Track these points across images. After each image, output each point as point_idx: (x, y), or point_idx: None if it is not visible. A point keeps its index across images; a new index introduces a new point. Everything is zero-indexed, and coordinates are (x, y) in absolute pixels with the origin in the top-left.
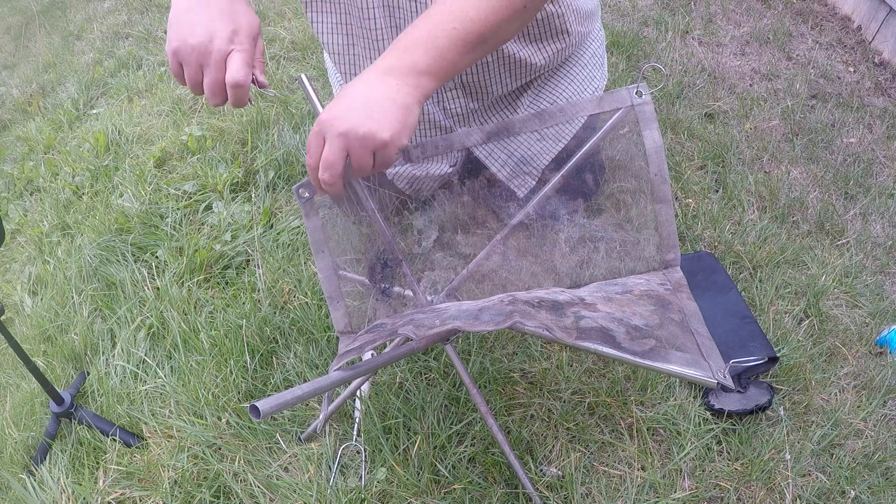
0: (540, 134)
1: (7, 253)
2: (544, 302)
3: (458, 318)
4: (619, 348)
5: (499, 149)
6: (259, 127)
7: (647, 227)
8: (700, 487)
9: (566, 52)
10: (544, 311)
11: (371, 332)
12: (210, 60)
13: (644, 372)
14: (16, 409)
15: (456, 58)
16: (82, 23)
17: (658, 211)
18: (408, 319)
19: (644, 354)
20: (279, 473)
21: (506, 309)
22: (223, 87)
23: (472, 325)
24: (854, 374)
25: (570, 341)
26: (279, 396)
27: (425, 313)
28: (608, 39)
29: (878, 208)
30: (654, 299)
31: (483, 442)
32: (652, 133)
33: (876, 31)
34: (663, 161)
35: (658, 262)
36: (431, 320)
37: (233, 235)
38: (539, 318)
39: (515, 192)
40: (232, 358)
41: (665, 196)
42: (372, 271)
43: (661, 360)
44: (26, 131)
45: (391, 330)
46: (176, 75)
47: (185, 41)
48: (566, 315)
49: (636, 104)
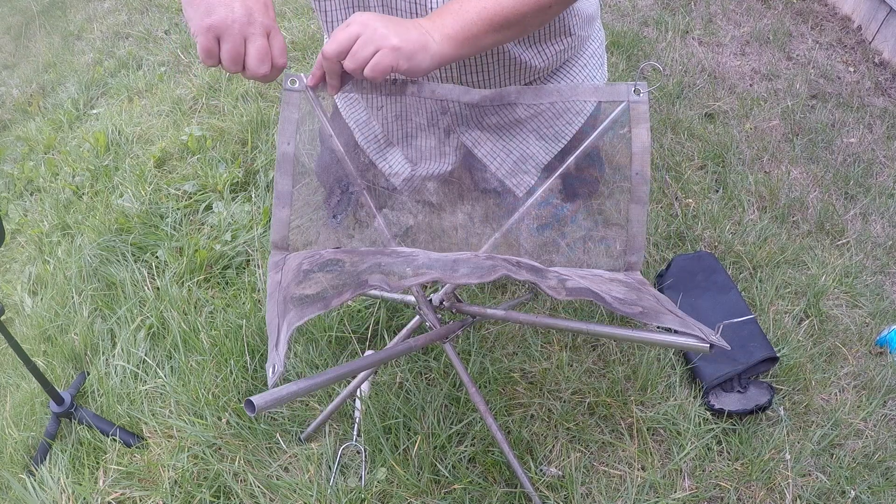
0: (539, 133)
1: (7, 253)
2: (523, 263)
3: (432, 267)
4: (611, 308)
5: (498, 147)
6: (259, 127)
7: (618, 225)
8: (700, 487)
9: (567, 55)
10: (525, 270)
11: (328, 271)
12: (254, 31)
13: (644, 371)
14: (16, 409)
15: (479, 33)
16: (82, 23)
17: (632, 210)
18: (373, 264)
19: (638, 316)
20: (279, 473)
21: (485, 263)
22: (269, 55)
23: (453, 276)
24: (854, 374)
25: (562, 297)
26: (275, 392)
27: (390, 257)
28: (608, 39)
29: (878, 208)
30: (624, 284)
31: (483, 442)
32: (642, 132)
33: (876, 31)
34: (647, 162)
35: (622, 262)
36: (401, 268)
37: (233, 235)
38: (522, 276)
39: (514, 191)
40: (232, 358)
41: (642, 197)
42: (330, 193)
43: (654, 319)
44: (26, 131)
45: (355, 276)
46: (208, 53)
47: (226, 16)
48: (548, 277)
49: (632, 101)
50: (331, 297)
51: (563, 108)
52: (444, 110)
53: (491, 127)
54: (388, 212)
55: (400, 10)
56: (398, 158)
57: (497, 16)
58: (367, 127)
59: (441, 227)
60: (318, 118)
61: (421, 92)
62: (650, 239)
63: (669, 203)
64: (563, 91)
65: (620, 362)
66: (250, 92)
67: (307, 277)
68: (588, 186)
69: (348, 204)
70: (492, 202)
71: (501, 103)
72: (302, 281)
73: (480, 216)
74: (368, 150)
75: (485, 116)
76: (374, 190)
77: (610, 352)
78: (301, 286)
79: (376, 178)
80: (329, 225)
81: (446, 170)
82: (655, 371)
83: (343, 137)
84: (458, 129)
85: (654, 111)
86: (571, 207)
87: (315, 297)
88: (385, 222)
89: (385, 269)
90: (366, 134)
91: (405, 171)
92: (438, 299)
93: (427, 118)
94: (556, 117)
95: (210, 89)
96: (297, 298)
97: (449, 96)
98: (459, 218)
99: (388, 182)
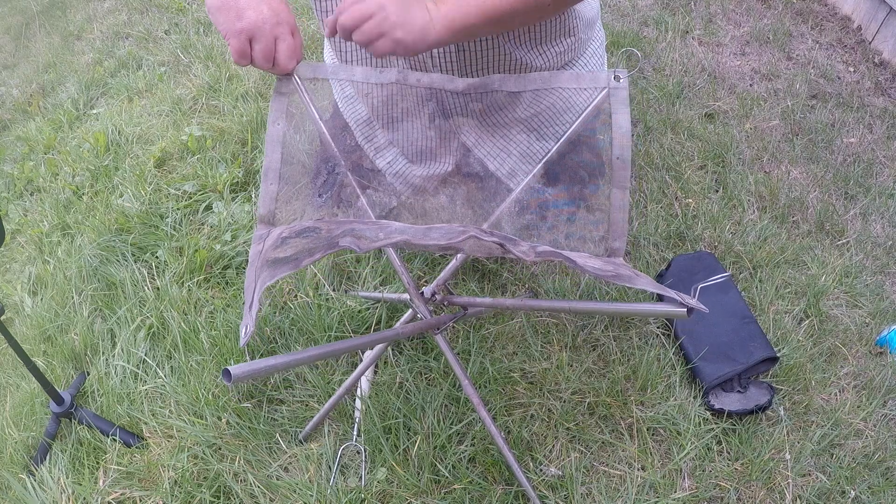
0: (539, 133)
1: (7, 253)
2: (496, 233)
3: (404, 232)
4: (581, 270)
5: (498, 147)
6: (259, 127)
7: (600, 210)
8: (700, 487)
9: (568, 56)
10: (495, 238)
11: (304, 237)
12: (283, 30)
13: (644, 371)
14: (16, 409)
15: (478, 24)
16: (82, 23)
17: (614, 195)
18: (347, 229)
19: (611, 278)
20: (279, 473)
21: (457, 229)
22: (297, 51)
23: (422, 239)
24: (854, 374)
25: (531, 259)
26: (253, 364)
27: (365, 224)
28: (608, 39)
29: (878, 208)
30: (602, 260)
31: (483, 442)
32: (621, 117)
33: (876, 31)
34: (628, 147)
35: (603, 248)
36: (374, 232)
37: (233, 235)
38: (492, 239)
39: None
40: (232, 358)
41: (623, 182)
42: (316, 173)
43: (628, 282)
44: (26, 131)
45: (328, 240)
46: (241, 54)
47: (256, 19)
48: (520, 244)
49: (612, 87)
50: (302, 257)
51: (562, 108)
52: (430, 96)
53: (475, 113)
54: (372, 192)
55: None
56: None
57: (496, 11)
58: (368, 126)
59: (423, 207)
60: (303, 102)
61: (407, 80)
62: (650, 239)
63: (669, 203)
64: (546, 78)
65: (620, 362)
66: (250, 92)
67: (284, 243)
68: (570, 172)
69: (333, 184)
70: (474, 185)
71: (485, 90)
72: (279, 247)
73: (463, 198)
74: (357, 135)
75: (469, 102)
76: (359, 171)
77: (610, 352)
78: (277, 251)
79: (361, 160)
80: (314, 204)
81: (446, 170)
82: (655, 371)
83: (331, 120)
84: (450, 118)
85: (654, 111)
86: (553, 192)
87: (288, 259)
88: (369, 202)
89: (358, 232)
90: (366, 134)
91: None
92: (430, 291)
93: (414, 102)
94: (556, 117)
95: (210, 89)
96: (272, 261)
97: (434, 85)
98: (442, 200)
99: (372, 164)
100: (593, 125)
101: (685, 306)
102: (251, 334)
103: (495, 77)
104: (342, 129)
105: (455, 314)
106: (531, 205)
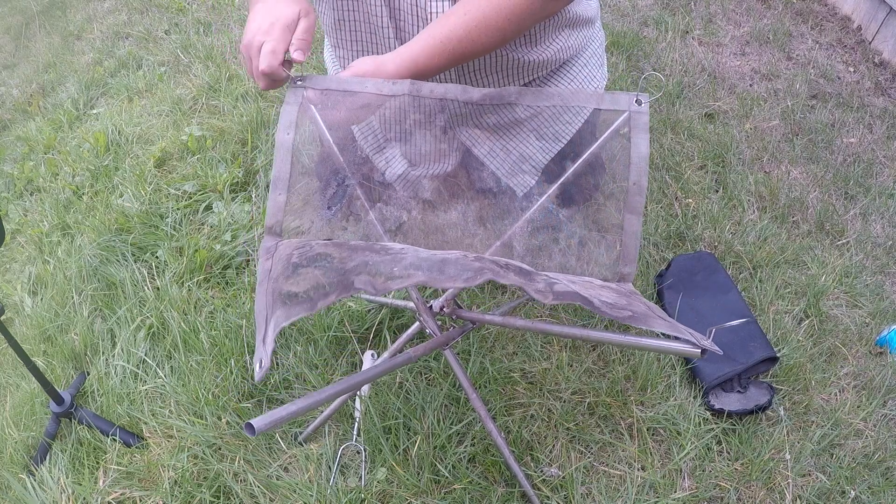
0: (539, 133)
1: (7, 253)
2: (511, 265)
3: (419, 268)
4: (599, 312)
5: (497, 147)
6: (259, 127)
7: (612, 234)
8: (700, 487)
9: (567, 55)
10: (512, 273)
11: (316, 267)
12: (252, 53)
13: (644, 371)
14: (16, 409)
15: (441, 63)
16: (82, 23)
17: (627, 221)
18: (360, 262)
19: (627, 319)
20: (279, 473)
21: (473, 265)
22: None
23: (439, 279)
24: (854, 374)
25: (549, 301)
26: (273, 413)
27: (378, 254)
28: (608, 39)
29: (878, 208)
30: (614, 290)
31: (483, 442)
32: (641, 142)
33: (876, 31)
34: (645, 173)
35: (613, 273)
36: (388, 267)
37: (233, 235)
38: (510, 279)
39: (515, 191)
40: (232, 358)
41: (637, 208)
42: (326, 185)
43: (644, 324)
44: (26, 131)
45: (342, 275)
46: (257, 79)
47: (243, 41)
48: (536, 280)
49: (633, 111)
50: (317, 298)
51: (562, 108)
52: (442, 108)
53: (489, 126)
54: (383, 206)
55: (402, 9)
56: (396, 157)
57: (455, 51)
58: (378, 138)
59: (434, 224)
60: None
61: (419, 91)
62: (650, 239)
63: (669, 203)
64: (565, 95)
65: (620, 362)
66: (250, 92)
67: (296, 272)
68: (584, 193)
69: (343, 196)
70: (486, 202)
71: (501, 103)
72: (290, 276)
73: (474, 216)
74: (366, 147)
75: (483, 115)
76: (369, 184)
77: (610, 352)
78: (289, 281)
79: (372, 172)
80: (323, 216)
81: (446, 170)
82: (655, 371)
83: (340, 132)
84: (456, 127)
85: (654, 111)
86: (567, 213)
87: (302, 296)
88: (378, 217)
89: (372, 268)
90: (376, 145)
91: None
92: (438, 305)
93: (424, 115)
94: (555, 117)
95: (210, 89)
96: (285, 295)
97: (447, 95)
98: (453, 216)
99: (383, 177)
100: (611, 148)
101: (699, 347)
102: (266, 369)
103: (512, 90)
104: (352, 140)
105: (463, 328)
106: (543, 226)
